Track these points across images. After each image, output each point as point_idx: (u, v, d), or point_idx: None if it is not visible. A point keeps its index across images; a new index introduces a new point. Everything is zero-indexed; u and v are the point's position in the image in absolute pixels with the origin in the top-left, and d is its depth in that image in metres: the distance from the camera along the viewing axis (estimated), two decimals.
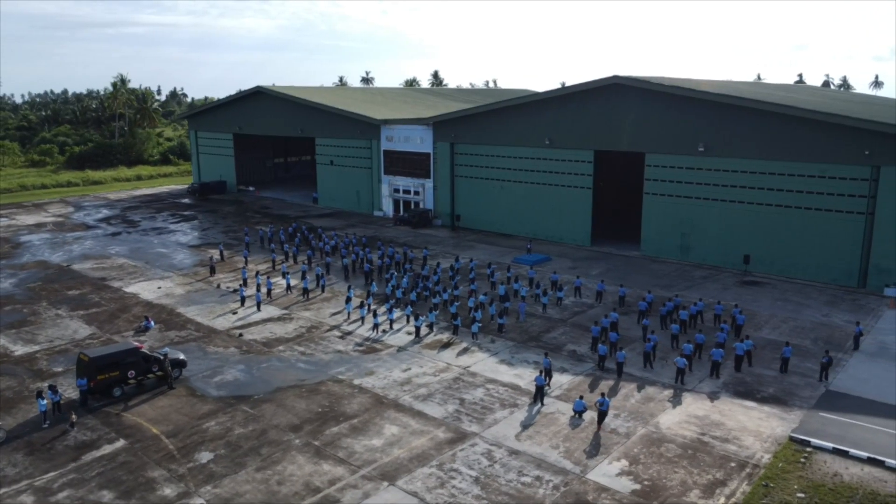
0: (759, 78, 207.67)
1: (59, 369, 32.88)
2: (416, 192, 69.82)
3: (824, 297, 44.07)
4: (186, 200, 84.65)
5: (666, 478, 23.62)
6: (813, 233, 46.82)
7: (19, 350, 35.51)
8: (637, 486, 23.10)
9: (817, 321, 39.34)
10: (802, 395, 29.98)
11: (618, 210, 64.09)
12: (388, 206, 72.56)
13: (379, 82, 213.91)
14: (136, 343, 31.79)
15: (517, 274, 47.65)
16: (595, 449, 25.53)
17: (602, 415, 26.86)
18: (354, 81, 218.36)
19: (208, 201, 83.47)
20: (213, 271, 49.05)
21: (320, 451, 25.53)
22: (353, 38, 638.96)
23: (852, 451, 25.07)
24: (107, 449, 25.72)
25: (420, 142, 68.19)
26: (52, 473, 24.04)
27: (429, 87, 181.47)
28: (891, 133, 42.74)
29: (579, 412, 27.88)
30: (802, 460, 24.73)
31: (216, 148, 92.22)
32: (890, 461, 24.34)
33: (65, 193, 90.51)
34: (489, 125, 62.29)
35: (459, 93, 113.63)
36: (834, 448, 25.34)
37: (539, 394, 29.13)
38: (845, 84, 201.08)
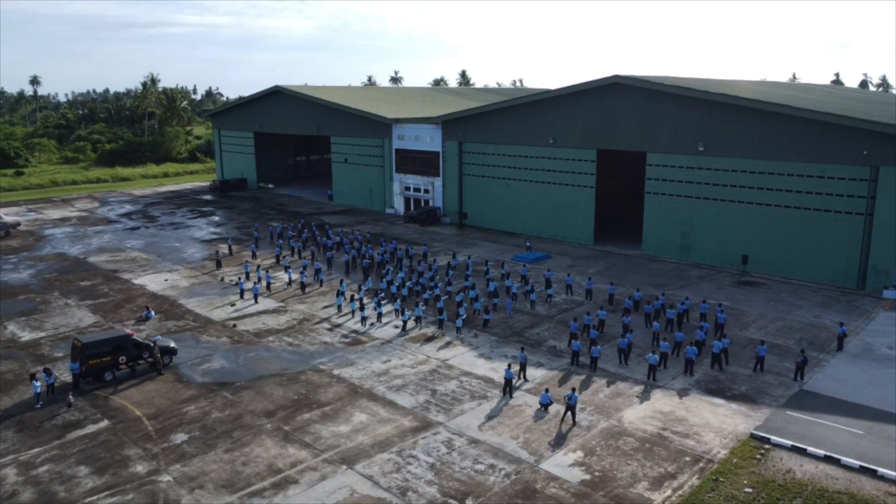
0: (794, 78, 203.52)
1: (60, 354, 34.69)
2: (426, 191, 70.81)
3: (819, 298, 43.71)
4: (207, 197, 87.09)
5: (617, 469, 24.12)
6: (811, 234, 46.43)
7: (26, 336, 37.51)
8: (587, 477, 23.66)
9: (807, 322, 39.14)
10: (774, 394, 30.08)
11: (622, 209, 64.11)
12: (399, 204, 73.70)
13: (407, 82, 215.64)
14: (128, 331, 33.38)
15: (510, 271, 48.25)
16: (554, 440, 26.13)
17: (570, 409, 27.41)
18: (384, 81, 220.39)
19: (228, 198, 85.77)
20: (219, 265, 50.76)
21: (289, 435, 26.66)
22: (387, 38, 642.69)
23: (810, 449, 25.22)
24: (90, 428, 27.25)
25: (430, 140, 69.17)
26: (36, 449, 25.63)
27: (456, 86, 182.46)
28: (889, 133, 42.22)
29: (545, 405, 28.47)
30: (758, 457, 24.97)
31: (238, 146, 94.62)
32: (846, 459, 24.44)
33: (93, 189, 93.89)
34: (495, 124, 62.93)
35: (479, 92, 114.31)
36: (793, 446, 25.51)
37: (508, 386, 29.82)
38: (884, 84, 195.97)
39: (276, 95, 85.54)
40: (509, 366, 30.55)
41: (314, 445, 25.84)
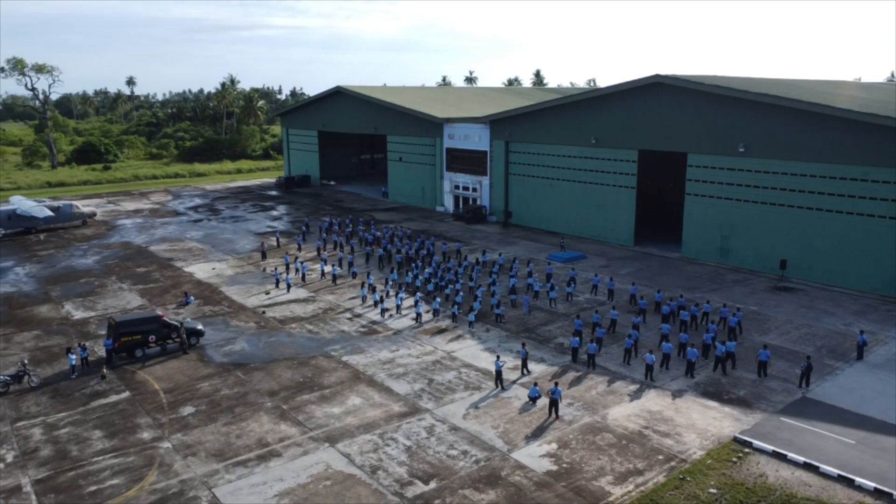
0: (892, 77, 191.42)
1: (103, 332, 38.06)
2: (474, 189, 71.87)
3: (857, 306, 41.89)
4: (272, 193, 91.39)
5: (586, 463, 24.56)
6: (853, 239, 44.46)
7: (78, 315, 41.30)
8: (553, 468, 24.24)
9: (834, 330, 37.71)
10: (773, 400, 29.48)
11: (665, 211, 63.00)
12: (449, 202, 75.09)
13: (482, 82, 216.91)
14: (159, 312, 36.30)
15: (534, 269, 48.64)
16: (532, 432, 26.78)
17: (553, 402, 27.98)
18: (458, 81, 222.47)
19: (291, 194, 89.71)
20: (264, 256, 53.69)
21: (285, 413, 28.51)
22: (471, 38, 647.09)
23: (790, 455, 24.78)
24: (112, 398, 30.07)
25: (478, 140, 70.17)
26: (62, 413, 28.60)
27: (529, 86, 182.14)
28: None
29: (533, 398, 29.10)
30: (735, 460, 24.77)
31: (304, 144, 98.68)
32: (824, 467, 23.91)
33: (171, 184, 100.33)
34: (540, 124, 63.25)
35: (538, 92, 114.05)
36: (773, 451, 25.12)
37: (499, 378, 30.61)
38: None
39: (337, 95, 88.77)
40: (498, 357, 31.36)
41: (305, 424, 27.57)
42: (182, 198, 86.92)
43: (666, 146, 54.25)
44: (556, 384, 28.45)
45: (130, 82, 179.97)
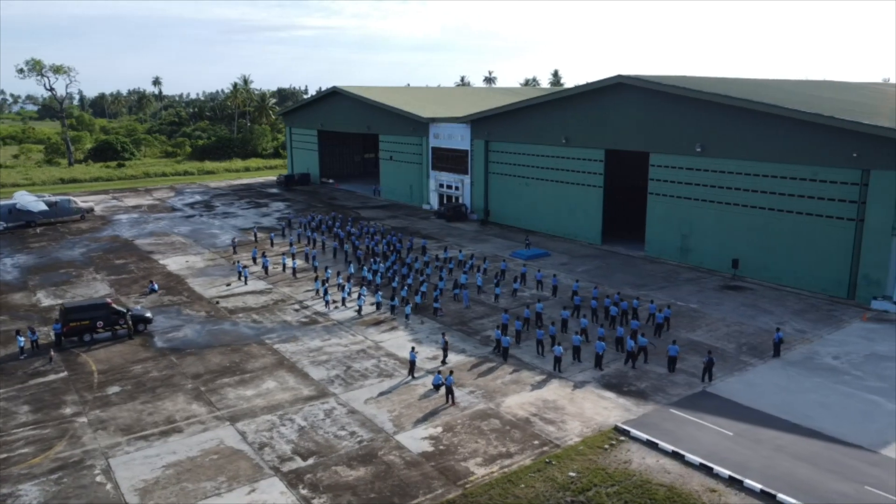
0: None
1: None
2: (457, 188, 73.16)
3: (800, 305, 42.07)
4: (272, 190, 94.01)
5: (462, 446, 25.78)
6: (804, 239, 44.59)
7: (47, 302, 43.91)
8: (430, 449, 25.53)
9: (764, 328, 38.03)
10: (671, 393, 30.24)
11: (635, 210, 63.37)
12: (434, 200, 76.51)
13: (501, 82, 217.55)
14: (108, 300, 38.57)
15: (485, 266, 49.68)
16: (424, 417, 28.09)
17: (448, 389, 29.25)
18: (478, 81, 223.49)
19: (290, 191, 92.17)
20: (234, 251, 55.80)
21: (200, 394, 30.35)
22: (501, 38, 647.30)
23: (662, 444, 25.63)
24: (51, 378, 32.30)
25: (461, 139, 71.45)
26: (1, 390, 30.93)
27: (548, 86, 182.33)
28: (879, 135, 39.97)
29: (436, 386, 30.38)
30: (607, 447, 25.72)
31: (305, 143, 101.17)
32: (689, 456, 24.71)
33: (178, 181, 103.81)
34: (517, 124, 64.25)
35: (535, 92, 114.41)
36: (647, 440, 25.99)
37: (412, 367, 31.96)
38: None
39: (334, 96, 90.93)
40: (413, 348, 32.69)
41: (215, 404, 29.35)
42: (183, 194, 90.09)
43: (630, 146, 54.82)
44: (451, 372, 29.70)
45: (157, 82, 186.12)
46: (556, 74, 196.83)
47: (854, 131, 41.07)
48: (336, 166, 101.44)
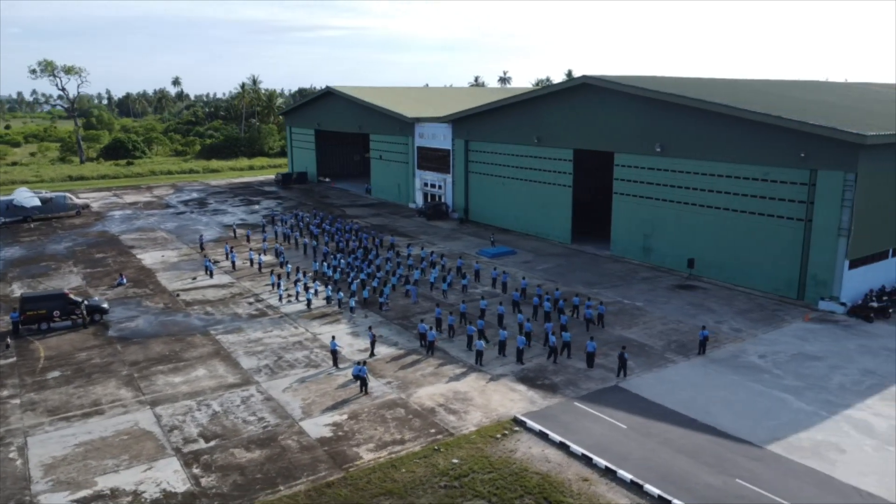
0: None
1: None
2: (440, 187, 74.16)
3: (746, 305, 42.23)
4: (268, 189, 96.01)
5: (360, 433, 26.84)
6: (756, 239, 44.69)
7: (19, 293, 46.05)
8: (328, 435, 26.65)
9: (699, 327, 38.32)
10: (582, 387, 30.88)
11: (606, 210, 63.64)
12: (419, 199, 77.60)
13: (516, 82, 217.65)
14: (65, 290, 40.44)
15: (448, 263, 50.66)
16: (335, 405, 29.21)
17: (362, 380, 30.34)
18: (492, 81, 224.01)
19: (286, 189, 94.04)
20: (202, 247, 57.29)
21: (131, 381, 31.89)
22: (523, 38, 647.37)
23: (551, 434, 26.37)
24: (0, 363, 34.19)
25: (443, 139, 72.42)
26: None
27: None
28: (826, 135, 39.96)
29: (355, 376, 31.47)
30: (499, 436, 26.55)
31: (304, 142, 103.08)
32: (574, 447, 25.42)
33: (182, 179, 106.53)
34: (494, 123, 65.01)
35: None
36: (539, 431, 26.75)
37: (335, 358, 33.12)
38: None
39: (329, 96, 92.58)
40: (333, 338, 33.85)
41: (142, 390, 30.85)
42: (182, 192, 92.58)
43: (596, 146, 55.27)
44: (364, 363, 30.81)
45: (176, 82, 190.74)
46: (569, 74, 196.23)
47: (801, 131, 41.11)
48: (335, 165, 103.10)
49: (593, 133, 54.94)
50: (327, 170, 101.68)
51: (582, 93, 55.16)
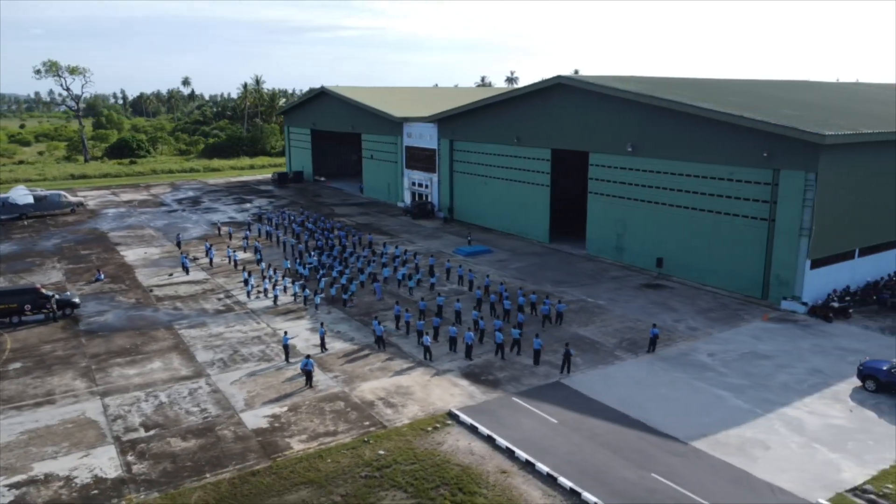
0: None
1: None
2: (427, 186, 74.75)
3: (709, 304, 42.37)
4: (264, 187, 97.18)
5: (296, 424, 27.50)
6: (722, 239, 44.78)
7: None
8: (265, 426, 27.35)
9: (660, 326, 38.49)
10: (524, 383, 31.31)
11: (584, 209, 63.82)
12: (408, 198, 78.25)
13: (523, 81, 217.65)
14: (37, 285, 41.59)
15: (421, 262, 51.24)
16: (278, 398, 29.91)
17: (307, 373, 31.02)
18: (499, 81, 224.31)
19: (281, 188, 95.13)
20: (179, 245, 58.17)
21: (88, 372, 32.83)
22: (534, 38, 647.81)
23: (481, 428, 26.85)
24: None
25: (430, 138, 72.99)
26: None
27: None
28: (787, 135, 40.00)
29: (302, 370, 32.12)
30: (430, 429, 27.07)
31: (301, 141, 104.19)
32: (499, 440, 25.89)
33: (182, 178, 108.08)
34: (477, 123, 65.47)
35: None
36: (471, 424, 27.24)
37: (286, 353, 33.85)
38: None
39: (323, 96, 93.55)
40: (286, 333, 34.55)
41: (96, 381, 31.77)
42: (179, 190, 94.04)
43: (571, 145, 55.56)
44: (309, 357, 31.49)
45: (186, 82, 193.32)
46: (575, 73, 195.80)
47: (765, 131, 41.17)
48: (332, 164, 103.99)
49: (569, 133, 55.25)
50: (325, 169, 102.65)
51: (558, 93, 55.49)
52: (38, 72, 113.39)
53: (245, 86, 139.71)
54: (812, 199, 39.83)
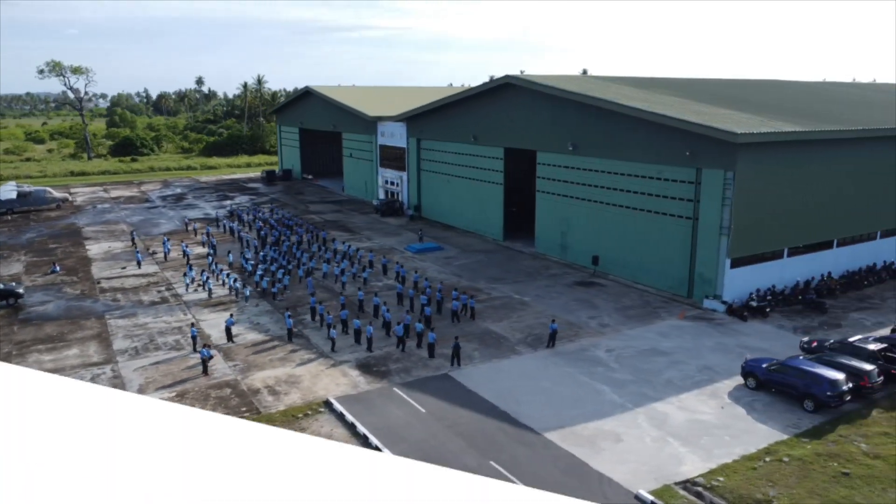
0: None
1: None
2: (397, 184, 75.88)
3: (632, 302, 42.77)
4: (252, 185, 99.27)
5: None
6: (652, 237, 45.12)
7: None
8: None
9: (574, 322, 39.10)
10: (413, 374, 32.22)
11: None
12: (382, 196, 79.45)
13: None
14: None
15: (362, 258, 52.47)
16: (170, 384, 31.29)
17: (203, 361, 32.38)
18: None
19: (268, 186, 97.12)
20: (133, 242, 59.97)
21: (7, 358, 34.60)
22: (560, 37, 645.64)
23: (347, 415, 27.89)
24: None
25: (400, 137, 74.10)
26: None
27: None
28: (707, 134, 40.22)
29: (203, 358, 33.52)
30: (301, 416, 28.19)
31: (291, 140, 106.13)
32: (360, 427, 26.91)
33: (178, 175, 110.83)
34: (439, 121, 66.38)
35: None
36: (340, 412, 28.30)
37: (194, 343, 35.25)
38: None
39: (308, 95, 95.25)
40: (192, 325, 35.94)
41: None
42: (169, 187, 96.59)
43: (521, 144, 56.18)
44: (206, 346, 32.84)
45: (200, 82, 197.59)
46: (584, 73, 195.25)
47: (687, 130, 41.44)
48: (322, 163, 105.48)
49: (518, 132, 55.88)
50: (313, 167, 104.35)
51: (508, 92, 56.16)
52: (41, 72, 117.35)
53: (245, 85, 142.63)
54: (731, 198, 40.01)
